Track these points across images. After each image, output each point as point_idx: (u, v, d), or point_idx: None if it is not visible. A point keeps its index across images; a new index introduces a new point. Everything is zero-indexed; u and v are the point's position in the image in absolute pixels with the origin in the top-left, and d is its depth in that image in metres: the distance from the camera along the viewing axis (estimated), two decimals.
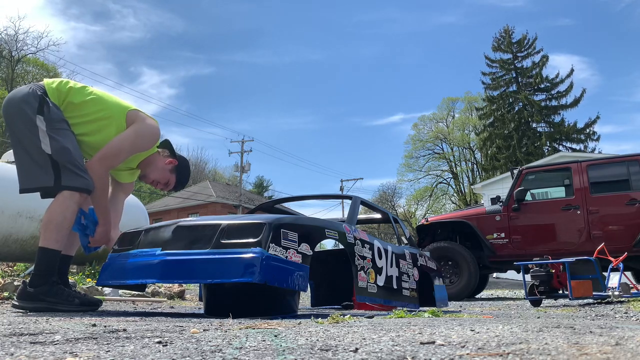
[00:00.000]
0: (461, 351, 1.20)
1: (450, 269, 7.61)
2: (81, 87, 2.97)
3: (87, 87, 3.00)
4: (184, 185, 3.32)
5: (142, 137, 2.96)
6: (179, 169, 3.23)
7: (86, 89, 2.98)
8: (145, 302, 4.67)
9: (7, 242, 5.90)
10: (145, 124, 2.97)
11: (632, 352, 1.14)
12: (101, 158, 2.87)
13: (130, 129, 2.94)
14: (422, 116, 49.40)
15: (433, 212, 40.85)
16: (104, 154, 2.87)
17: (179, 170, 3.23)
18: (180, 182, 3.27)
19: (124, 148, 2.91)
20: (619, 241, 6.69)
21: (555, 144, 33.40)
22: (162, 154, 3.19)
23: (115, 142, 2.89)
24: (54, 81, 2.93)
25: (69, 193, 2.75)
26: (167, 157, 3.20)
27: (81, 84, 3.02)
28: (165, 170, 3.18)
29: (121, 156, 2.93)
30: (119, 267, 2.90)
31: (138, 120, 2.97)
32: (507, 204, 7.58)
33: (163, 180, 3.20)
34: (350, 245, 3.24)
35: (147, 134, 2.98)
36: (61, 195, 2.75)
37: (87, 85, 3.07)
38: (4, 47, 33.63)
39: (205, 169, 51.33)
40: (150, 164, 3.15)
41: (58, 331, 1.66)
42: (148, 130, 2.97)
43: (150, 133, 2.99)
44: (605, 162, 7.39)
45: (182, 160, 3.28)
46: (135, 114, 2.98)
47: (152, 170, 3.17)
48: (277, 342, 1.38)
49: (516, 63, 36.24)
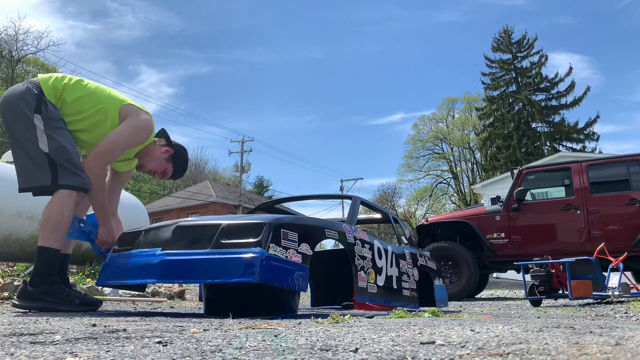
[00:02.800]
0: (461, 351, 1.20)
1: (450, 269, 7.61)
2: (76, 82, 2.96)
3: (82, 81, 2.99)
4: (182, 173, 3.29)
5: (136, 132, 2.96)
6: (176, 157, 3.21)
7: (81, 84, 2.96)
8: (145, 302, 4.67)
9: (7, 242, 5.90)
10: (138, 119, 2.96)
11: (632, 352, 1.14)
12: (96, 156, 2.87)
13: (124, 125, 2.93)
14: (422, 116, 49.50)
15: (433, 212, 40.85)
16: (99, 151, 2.87)
17: (176, 159, 3.22)
18: (178, 170, 3.25)
19: (118, 144, 2.90)
20: (619, 241, 6.69)
21: (555, 144, 33.38)
22: (159, 144, 3.18)
23: (109, 139, 2.88)
24: (49, 77, 2.91)
25: (67, 192, 2.75)
26: (163, 146, 3.18)
27: (77, 79, 3.00)
28: (161, 160, 3.17)
29: (116, 153, 2.93)
30: (119, 267, 2.90)
31: (131, 115, 2.96)
32: (507, 204, 7.58)
33: (160, 169, 3.20)
34: (350, 245, 3.24)
35: (141, 129, 2.97)
36: (58, 194, 2.75)
37: (82, 78, 3.06)
38: (4, 47, 33.64)
39: (205, 169, 51.32)
40: (147, 154, 3.15)
41: (58, 331, 1.66)
42: (142, 125, 2.97)
43: (144, 128, 2.98)
44: (605, 162, 7.39)
45: (179, 148, 3.25)
46: (129, 109, 2.97)
47: (148, 160, 3.16)
48: (277, 342, 1.38)
49: (516, 63, 36.21)
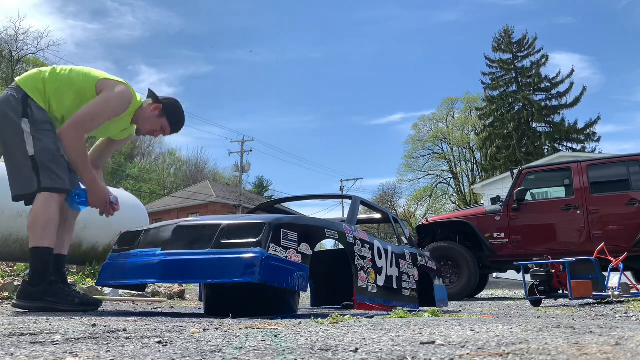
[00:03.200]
0: (461, 351, 1.20)
1: (450, 269, 7.61)
2: (51, 74, 2.95)
3: (55, 70, 2.98)
4: (181, 124, 3.25)
5: (110, 103, 2.93)
6: (167, 110, 3.16)
7: (55, 73, 2.96)
8: (145, 302, 4.67)
9: (7, 242, 5.90)
10: (113, 91, 2.95)
11: (632, 352, 1.14)
12: (70, 126, 2.85)
13: (99, 97, 2.93)
14: (422, 116, 49.47)
15: (433, 212, 40.84)
16: (73, 121, 2.86)
17: (168, 112, 3.17)
18: (174, 122, 3.21)
19: (93, 115, 2.89)
20: (619, 241, 6.69)
21: (555, 144, 33.38)
22: (147, 104, 3.16)
23: (83, 110, 2.88)
24: (26, 79, 2.91)
25: (48, 194, 2.77)
26: (150, 105, 3.15)
27: (49, 69, 2.99)
28: (153, 118, 3.14)
29: (92, 123, 2.91)
30: (119, 267, 2.90)
31: (107, 88, 2.96)
32: (507, 204, 7.58)
33: (156, 127, 3.17)
34: (350, 245, 3.24)
35: (116, 99, 2.95)
36: (41, 196, 2.77)
37: (55, 66, 3.05)
38: (4, 47, 33.65)
39: (205, 169, 51.33)
40: (139, 118, 3.14)
41: (58, 331, 1.66)
42: (116, 96, 2.95)
43: (119, 97, 2.96)
44: (605, 162, 7.39)
45: (168, 102, 3.20)
46: (103, 83, 2.98)
47: (142, 123, 3.15)
48: (277, 342, 1.38)
49: (516, 63, 36.21)
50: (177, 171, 49.90)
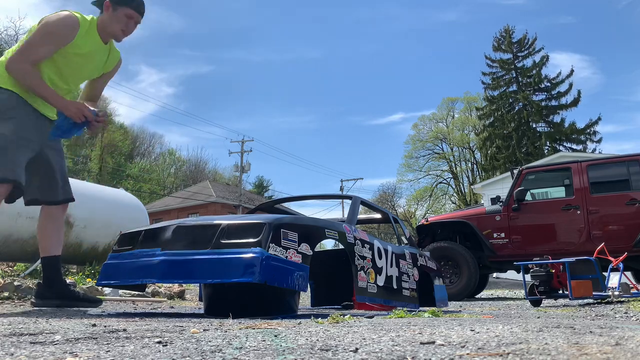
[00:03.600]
0: (461, 351, 1.20)
1: (450, 269, 7.61)
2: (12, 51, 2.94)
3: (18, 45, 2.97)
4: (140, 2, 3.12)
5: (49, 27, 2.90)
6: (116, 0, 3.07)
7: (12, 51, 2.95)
8: (145, 302, 4.67)
9: (7, 242, 5.90)
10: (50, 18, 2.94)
11: (632, 352, 1.14)
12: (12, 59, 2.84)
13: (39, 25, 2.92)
14: (422, 116, 49.46)
15: (433, 212, 40.84)
16: (15, 53, 2.85)
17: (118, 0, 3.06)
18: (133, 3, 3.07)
19: (32, 42, 2.86)
20: (619, 241, 6.69)
21: (555, 144, 33.38)
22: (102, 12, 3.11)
23: (25, 41, 2.88)
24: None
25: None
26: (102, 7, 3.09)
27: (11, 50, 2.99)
28: (112, 15, 3.04)
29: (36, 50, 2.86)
30: (119, 267, 2.90)
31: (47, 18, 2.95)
32: (507, 204, 7.58)
33: (122, 21, 3.06)
34: (350, 245, 3.24)
35: (56, 24, 2.91)
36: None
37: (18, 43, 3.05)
38: (4, 47, 33.67)
39: (205, 169, 51.35)
40: (105, 28, 3.07)
41: (58, 331, 1.66)
42: (55, 22, 2.92)
43: (59, 22, 2.92)
44: (605, 162, 7.39)
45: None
46: (45, 18, 2.96)
47: (110, 29, 3.06)
48: (277, 342, 1.38)
49: (516, 63, 36.20)
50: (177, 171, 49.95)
